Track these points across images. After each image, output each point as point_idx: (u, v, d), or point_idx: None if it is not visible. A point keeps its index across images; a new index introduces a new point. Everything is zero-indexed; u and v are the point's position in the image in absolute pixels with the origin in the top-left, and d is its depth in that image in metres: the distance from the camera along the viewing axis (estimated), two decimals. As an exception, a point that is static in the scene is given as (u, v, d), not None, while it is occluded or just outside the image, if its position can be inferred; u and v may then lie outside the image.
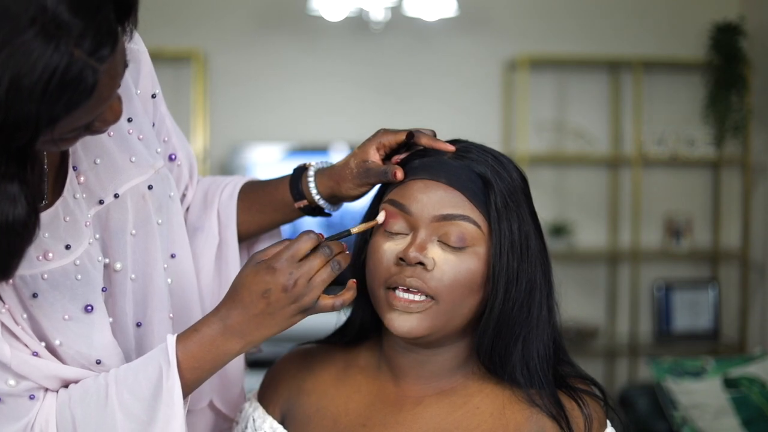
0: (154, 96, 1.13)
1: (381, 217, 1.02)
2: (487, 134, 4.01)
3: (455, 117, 4.05)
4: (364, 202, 1.15)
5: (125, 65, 0.83)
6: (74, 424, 0.97)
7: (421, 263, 0.98)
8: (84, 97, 0.77)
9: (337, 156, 3.84)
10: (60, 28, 0.73)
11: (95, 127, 0.85)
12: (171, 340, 0.98)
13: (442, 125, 1.09)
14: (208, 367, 0.99)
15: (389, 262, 1.00)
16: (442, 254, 0.99)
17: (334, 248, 0.97)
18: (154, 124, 1.13)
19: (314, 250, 0.97)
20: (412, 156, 1.07)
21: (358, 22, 3.92)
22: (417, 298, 0.99)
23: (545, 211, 4.15)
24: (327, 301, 0.97)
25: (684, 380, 3.06)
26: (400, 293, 0.99)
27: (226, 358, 0.99)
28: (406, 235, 1.01)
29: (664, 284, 4.15)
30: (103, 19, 0.77)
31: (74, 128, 0.82)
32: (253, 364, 1.32)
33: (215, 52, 4.01)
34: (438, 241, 1.00)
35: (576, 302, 4.14)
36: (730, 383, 3.03)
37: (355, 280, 1.02)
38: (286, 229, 1.29)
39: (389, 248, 1.01)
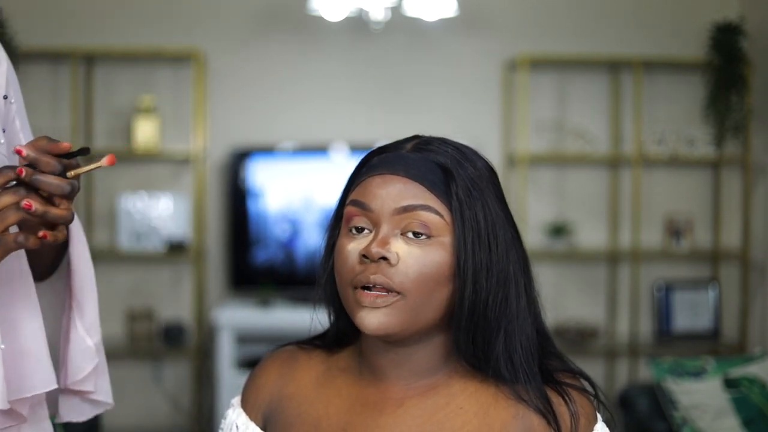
0: (5, 97, 1.04)
1: (105, 160, 0.95)
2: (487, 134, 3.98)
3: (455, 117, 4.04)
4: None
5: None
6: None
7: (384, 258, 0.96)
8: None
9: (336, 156, 3.86)
10: None
11: None
12: None
13: (443, 125, 1.08)
14: None
15: (353, 261, 0.98)
16: (406, 248, 0.97)
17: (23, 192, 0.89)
18: (4, 131, 1.05)
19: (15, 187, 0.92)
20: (371, 154, 1.05)
21: (358, 22, 3.92)
22: (383, 293, 0.96)
23: (545, 211, 4.16)
24: (9, 236, 0.92)
25: (684, 380, 3.05)
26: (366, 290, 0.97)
27: None
28: (371, 232, 0.99)
29: (664, 284, 4.14)
30: None
31: None
32: (248, 365, 1.31)
33: (215, 53, 4.00)
34: (401, 234, 0.97)
35: (576, 302, 4.14)
36: (730, 383, 3.03)
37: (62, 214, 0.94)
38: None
39: (353, 248, 0.99)
